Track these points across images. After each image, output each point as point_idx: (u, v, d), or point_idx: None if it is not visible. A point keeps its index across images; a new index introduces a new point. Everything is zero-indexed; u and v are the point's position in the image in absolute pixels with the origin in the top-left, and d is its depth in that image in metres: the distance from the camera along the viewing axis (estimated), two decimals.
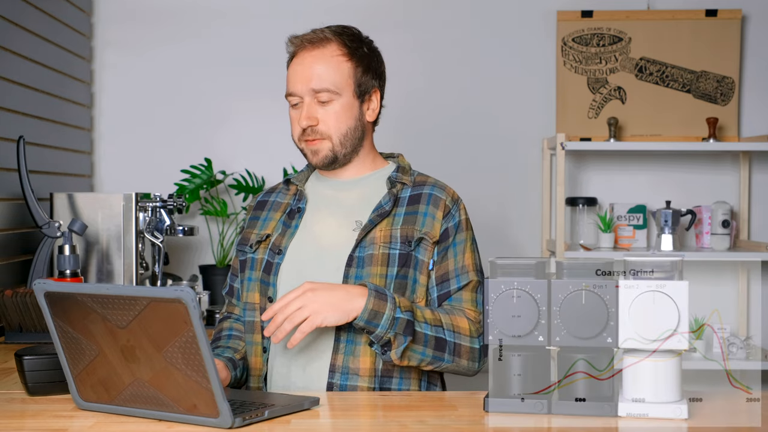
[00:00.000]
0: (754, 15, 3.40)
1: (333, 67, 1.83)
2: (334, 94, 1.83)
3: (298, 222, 1.88)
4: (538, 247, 3.39)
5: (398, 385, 1.77)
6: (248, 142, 3.34)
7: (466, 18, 3.38)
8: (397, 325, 1.68)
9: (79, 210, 2.57)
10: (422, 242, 1.81)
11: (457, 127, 3.38)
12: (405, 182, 1.88)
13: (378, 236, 1.80)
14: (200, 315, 1.32)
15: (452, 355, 1.74)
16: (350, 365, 1.74)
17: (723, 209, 3.24)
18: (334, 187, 1.92)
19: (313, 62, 1.84)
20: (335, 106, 1.84)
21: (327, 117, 1.84)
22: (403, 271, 1.79)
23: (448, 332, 1.74)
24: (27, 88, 2.68)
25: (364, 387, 1.74)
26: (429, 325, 1.72)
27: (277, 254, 1.84)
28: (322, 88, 1.82)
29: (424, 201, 1.85)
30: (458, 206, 1.87)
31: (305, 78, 1.83)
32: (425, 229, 1.82)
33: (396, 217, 1.83)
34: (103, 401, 1.46)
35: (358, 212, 1.85)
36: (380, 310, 1.67)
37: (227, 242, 3.23)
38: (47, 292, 1.44)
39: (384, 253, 1.79)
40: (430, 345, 1.72)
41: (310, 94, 1.83)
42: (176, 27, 3.33)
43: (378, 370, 1.75)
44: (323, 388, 1.74)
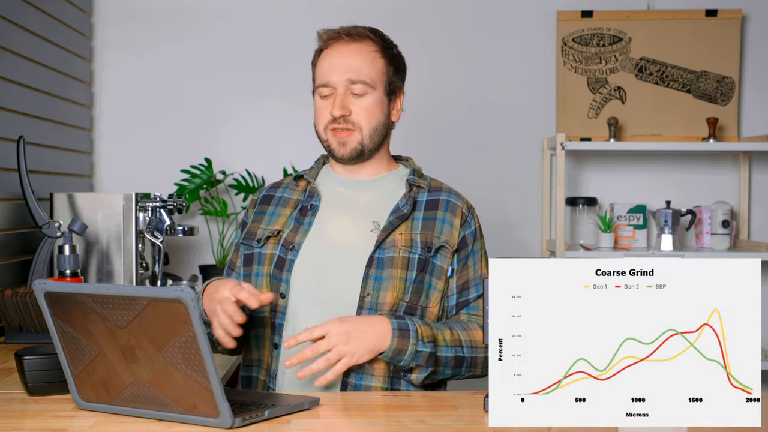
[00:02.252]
0: (754, 15, 3.40)
1: (369, 61, 1.86)
2: (369, 87, 1.85)
3: (311, 219, 1.87)
4: (538, 247, 3.39)
5: (407, 386, 1.78)
6: (248, 142, 3.34)
7: (465, 18, 3.38)
8: (419, 357, 1.72)
9: (79, 210, 2.57)
10: (441, 250, 1.83)
11: (457, 127, 3.38)
12: (422, 186, 1.90)
13: (398, 239, 1.82)
14: (200, 315, 1.32)
15: (469, 368, 1.79)
16: (365, 365, 1.74)
17: (723, 209, 3.24)
18: (349, 185, 1.92)
19: (350, 54, 1.86)
20: (369, 99, 1.85)
21: (360, 109, 1.85)
22: (421, 276, 1.81)
23: (467, 349, 1.78)
24: (27, 88, 2.68)
25: (378, 387, 1.75)
26: (450, 348, 1.76)
27: (290, 250, 1.84)
28: (359, 80, 1.84)
29: (441, 207, 1.88)
30: (473, 214, 1.91)
31: (343, 68, 1.85)
32: (444, 236, 1.84)
33: (415, 222, 1.85)
34: (103, 401, 1.46)
35: (375, 213, 1.86)
36: (404, 348, 1.71)
37: (227, 242, 3.23)
38: (47, 292, 1.44)
39: (404, 257, 1.80)
40: (450, 365, 1.77)
41: (345, 85, 1.85)
42: (176, 27, 3.33)
43: (391, 371, 1.76)
44: (337, 387, 1.74)
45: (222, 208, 3.20)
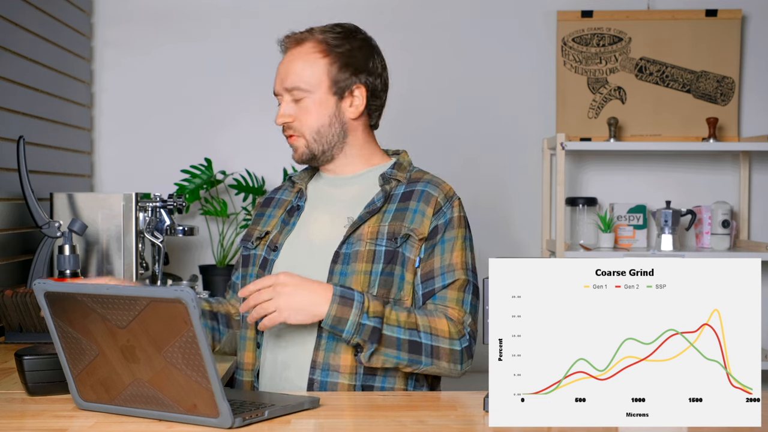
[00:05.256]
0: (754, 15, 3.40)
1: (308, 64, 1.86)
2: (305, 91, 1.86)
3: (296, 219, 1.90)
4: (538, 247, 3.39)
5: (381, 383, 1.76)
6: (248, 142, 3.34)
7: (465, 18, 3.38)
8: (362, 331, 1.68)
9: (79, 210, 2.57)
10: (409, 239, 1.80)
11: (457, 127, 3.38)
12: (399, 179, 1.88)
13: (365, 232, 1.81)
14: (200, 315, 1.32)
15: (430, 358, 1.73)
16: (331, 362, 1.74)
17: (723, 209, 3.24)
18: (331, 183, 1.93)
19: (289, 61, 1.89)
20: (307, 103, 1.87)
21: (300, 114, 1.87)
22: (389, 268, 1.78)
23: (424, 335, 1.72)
24: (27, 88, 2.68)
25: (345, 384, 1.73)
26: (402, 329, 1.71)
27: (272, 251, 1.87)
28: (293, 86, 1.86)
29: (415, 198, 1.84)
30: (451, 204, 1.85)
31: (281, 78, 1.89)
32: (413, 225, 1.80)
33: (386, 214, 1.83)
34: (103, 401, 1.46)
35: (352, 209, 1.86)
36: (344, 316, 1.68)
37: (227, 242, 3.23)
38: (47, 292, 1.44)
39: (370, 250, 1.79)
40: (403, 348, 1.71)
41: (285, 92, 1.88)
42: (176, 27, 3.33)
43: (359, 367, 1.74)
44: (304, 385, 1.75)
45: (222, 208, 3.20)
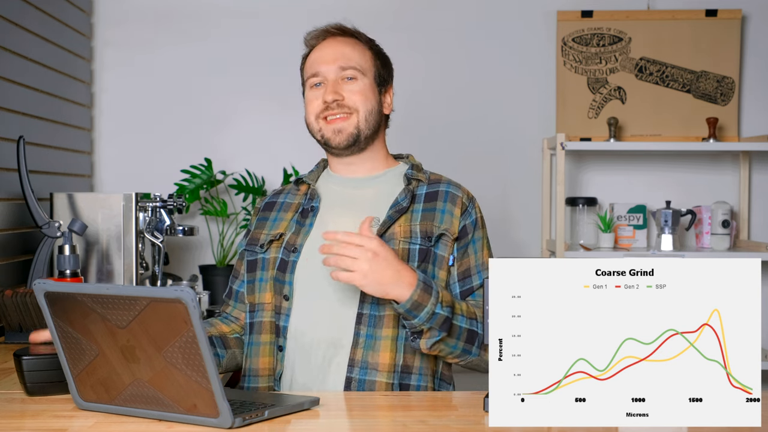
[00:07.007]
0: (754, 15, 3.40)
1: (359, 51, 1.90)
2: (360, 72, 1.87)
3: (312, 220, 1.87)
4: (538, 247, 3.39)
5: (417, 381, 1.76)
6: (248, 142, 3.34)
7: (465, 18, 3.38)
8: (434, 320, 1.68)
9: (79, 210, 2.57)
10: (442, 238, 1.82)
11: (457, 127, 3.38)
12: (420, 179, 1.90)
13: (398, 231, 1.81)
14: (200, 315, 1.32)
15: (479, 348, 1.76)
16: (369, 360, 1.74)
17: (723, 209, 3.24)
18: (347, 185, 1.92)
19: (339, 44, 1.90)
20: (360, 84, 1.88)
21: (353, 94, 1.87)
22: (423, 266, 1.79)
23: (479, 325, 1.76)
24: (27, 88, 2.68)
25: (383, 382, 1.73)
26: (465, 318, 1.74)
27: (292, 252, 1.84)
28: (349, 66, 1.87)
29: (441, 198, 1.87)
30: (473, 204, 1.89)
31: (333, 56, 1.88)
32: (444, 225, 1.83)
33: (414, 214, 1.84)
34: (103, 401, 1.46)
35: (375, 209, 1.85)
36: (423, 303, 1.67)
37: (227, 242, 3.23)
38: (47, 292, 1.44)
39: (404, 248, 1.79)
40: (462, 338, 1.74)
41: (336, 72, 1.87)
42: (176, 27, 3.33)
43: (398, 366, 1.75)
44: (341, 384, 1.73)
45: (222, 208, 3.20)
